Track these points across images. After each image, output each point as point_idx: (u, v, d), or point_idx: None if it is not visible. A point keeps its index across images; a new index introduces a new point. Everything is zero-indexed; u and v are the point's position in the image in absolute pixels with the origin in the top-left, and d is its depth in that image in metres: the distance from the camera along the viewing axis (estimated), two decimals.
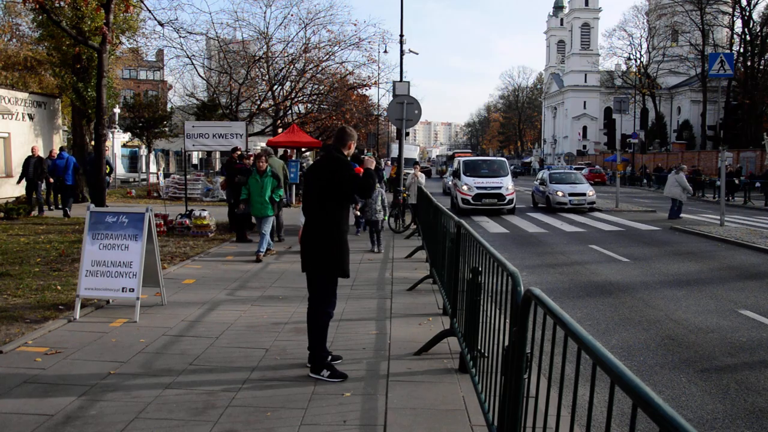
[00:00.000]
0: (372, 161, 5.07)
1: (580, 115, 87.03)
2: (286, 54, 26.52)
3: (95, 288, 6.38)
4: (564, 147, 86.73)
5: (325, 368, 4.64)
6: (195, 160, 47.92)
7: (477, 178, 20.45)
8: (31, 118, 20.68)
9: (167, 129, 35.38)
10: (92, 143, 18.49)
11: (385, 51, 38.95)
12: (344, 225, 4.81)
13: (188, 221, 12.71)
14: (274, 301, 7.18)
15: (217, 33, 26.06)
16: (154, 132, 34.47)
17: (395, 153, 28.20)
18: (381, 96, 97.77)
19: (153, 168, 38.93)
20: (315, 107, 29.31)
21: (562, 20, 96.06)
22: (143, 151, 38.95)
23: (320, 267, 4.70)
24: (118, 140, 35.70)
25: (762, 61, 49.20)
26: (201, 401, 4.18)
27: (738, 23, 52.09)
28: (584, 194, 21.60)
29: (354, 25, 52.83)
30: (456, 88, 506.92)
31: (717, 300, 8.18)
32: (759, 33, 49.29)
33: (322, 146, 22.38)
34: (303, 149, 27.46)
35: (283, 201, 12.28)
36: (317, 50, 26.60)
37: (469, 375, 4.14)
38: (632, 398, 1.56)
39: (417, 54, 33.22)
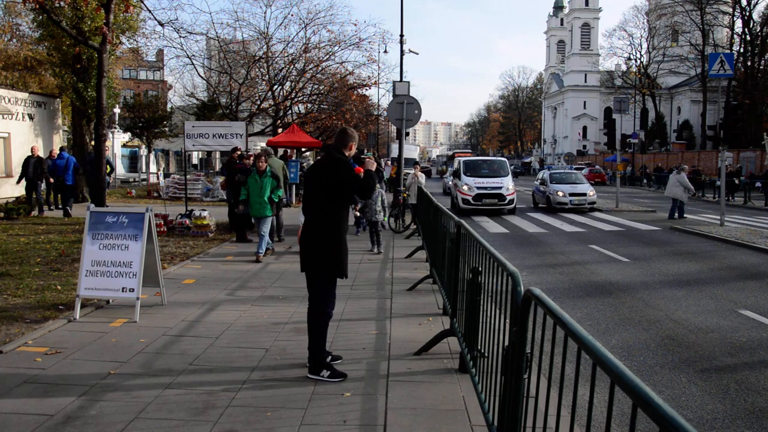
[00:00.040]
0: (373, 162, 5.08)
1: (580, 115, 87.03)
2: (286, 54, 26.55)
3: (95, 288, 6.38)
4: (564, 147, 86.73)
5: (325, 368, 4.64)
6: (195, 160, 47.91)
7: (477, 178, 20.43)
8: (31, 118, 20.68)
9: (167, 129, 35.40)
10: (92, 143, 18.49)
11: (385, 51, 39.04)
12: (344, 225, 4.81)
13: (188, 221, 12.72)
14: (274, 301, 7.18)
15: (217, 33, 26.11)
16: (154, 132, 34.49)
17: (395, 153, 28.18)
18: (381, 96, 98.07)
19: (153, 168, 38.93)
20: (315, 107, 29.31)
21: (562, 20, 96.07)
22: (143, 151, 38.96)
23: (320, 267, 4.70)
24: (118, 140, 35.69)
25: (762, 61, 49.21)
26: (201, 401, 4.19)
27: (738, 23, 52.18)
28: (585, 194, 21.59)
29: (354, 25, 52.99)
30: (456, 88, 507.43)
31: (717, 300, 8.18)
32: (759, 33, 49.29)
33: (322, 146, 22.40)
34: (303, 149, 27.47)
35: (283, 201, 12.28)
36: (317, 50, 26.63)
37: (469, 375, 4.14)
38: (632, 398, 1.56)
39: (417, 54, 33.23)
